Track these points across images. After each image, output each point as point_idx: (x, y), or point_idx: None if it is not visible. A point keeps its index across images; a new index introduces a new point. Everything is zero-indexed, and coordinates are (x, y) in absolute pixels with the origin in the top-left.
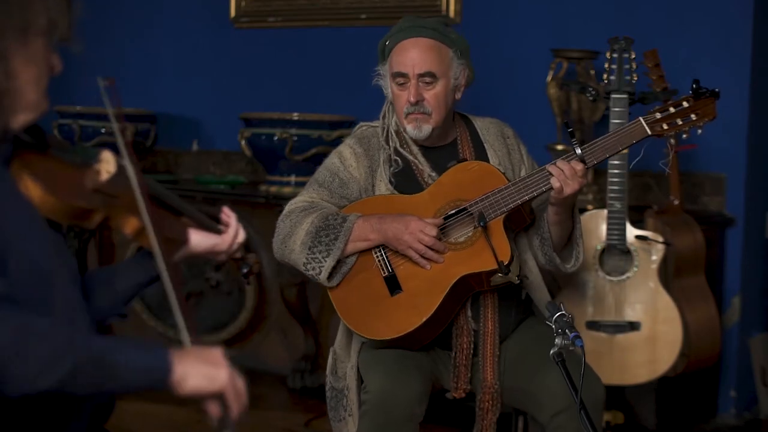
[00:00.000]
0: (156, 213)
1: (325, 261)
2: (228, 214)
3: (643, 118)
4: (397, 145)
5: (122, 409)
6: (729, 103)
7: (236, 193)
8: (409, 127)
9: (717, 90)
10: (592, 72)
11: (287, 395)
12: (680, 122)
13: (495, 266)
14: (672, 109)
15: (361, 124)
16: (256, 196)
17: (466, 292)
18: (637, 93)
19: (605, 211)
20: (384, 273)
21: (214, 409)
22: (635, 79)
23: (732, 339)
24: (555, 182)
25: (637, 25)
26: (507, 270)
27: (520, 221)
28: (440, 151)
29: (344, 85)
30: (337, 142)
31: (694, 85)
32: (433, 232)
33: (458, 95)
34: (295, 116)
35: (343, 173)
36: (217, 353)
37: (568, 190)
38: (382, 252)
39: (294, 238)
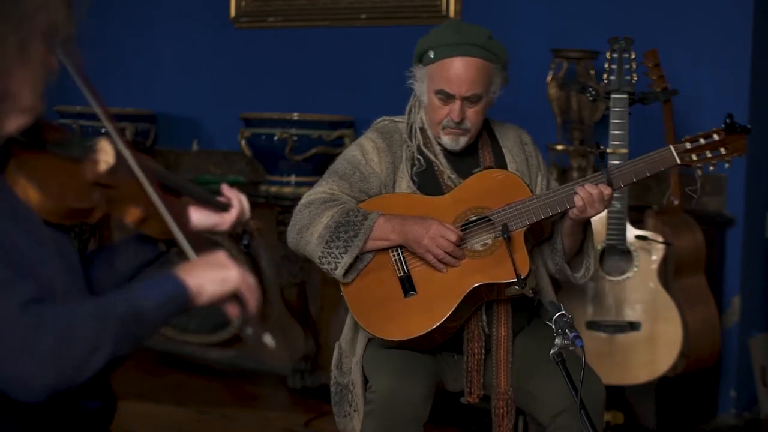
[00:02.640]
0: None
1: (342, 257)
2: (229, 194)
3: (674, 147)
4: (421, 143)
5: (122, 409)
6: (729, 103)
7: None
8: (447, 139)
9: (749, 126)
10: (592, 72)
11: (287, 395)
12: (709, 155)
13: (513, 278)
14: (702, 141)
15: (383, 118)
16: (256, 196)
17: (479, 299)
18: (637, 93)
19: (605, 211)
20: (399, 273)
21: (233, 309)
22: (635, 79)
23: (732, 339)
24: (579, 201)
25: (637, 25)
26: (524, 283)
27: (539, 234)
28: (461, 154)
29: (344, 85)
30: (337, 142)
31: (727, 120)
32: (453, 237)
33: (491, 104)
34: (295, 116)
35: (365, 167)
36: (221, 255)
37: (592, 212)
38: (399, 252)
39: (311, 230)
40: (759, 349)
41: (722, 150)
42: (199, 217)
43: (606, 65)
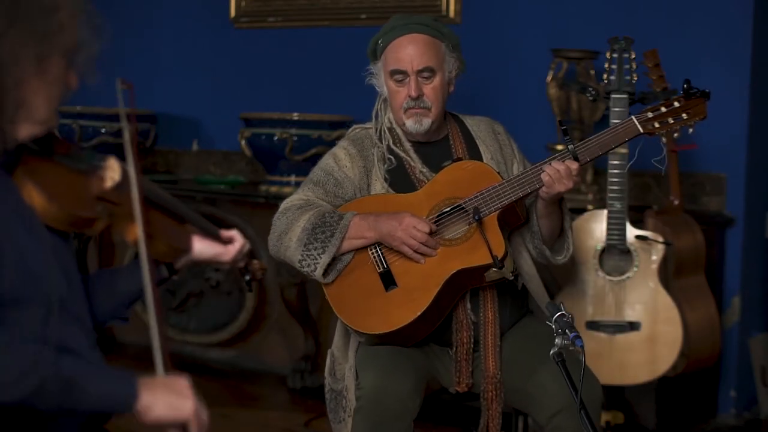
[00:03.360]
0: (158, 219)
1: (321, 258)
2: (230, 233)
3: (636, 117)
4: (390, 143)
5: None
6: (729, 103)
7: (236, 193)
8: (410, 122)
9: (707, 90)
10: (592, 72)
11: (287, 395)
12: (671, 121)
13: (489, 260)
14: (663, 109)
15: (355, 126)
16: (256, 196)
17: (461, 288)
18: (637, 93)
19: (605, 211)
20: (379, 269)
21: None
22: (635, 79)
23: (732, 339)
24: (545, 177)
25: (637, 25)
26: (501, 264)
27: (514, 220)
28: (432, 147)
29: (344, 85)
30: (337, 142)
31: (685, 86)
32: (426, 228)
33: (451, 88)
34: (295, 116)
35: (338, 173)
36: (184, 383)
37: (561, 188)
38: (378, 249)
39: (290, 234)
40: (759, 349)
41: (684, 115)
42: (203, 246)
43: (606, 65)
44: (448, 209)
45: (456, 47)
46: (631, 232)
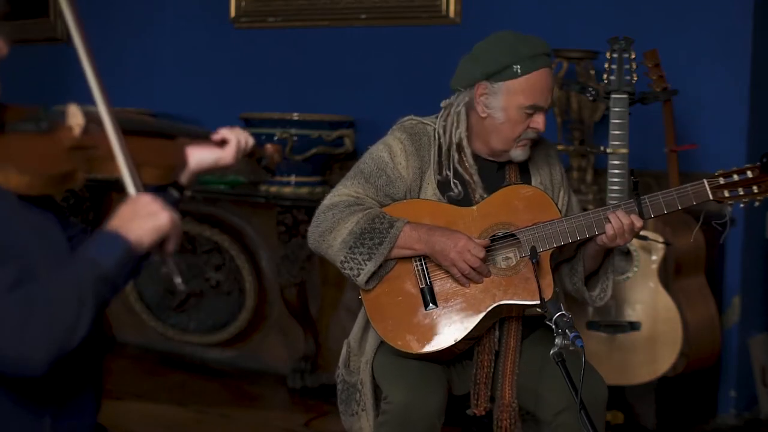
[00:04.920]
0: (142, 145)
1: (366, 264)
2: (222, 132)
3: (708, 181)
4: (455, 160)
5: (122, 409)
6: (729, 103)
7: (236, 193)
8: (518, 152)
9: None
10: (592, 72)
11: (287, 395)
12: (741, 192)
13: (536, 300)
14: (735, 177)
15: (410, 117)
16: (256, 196)
17: (497, 316)
18: (637, 93)
19: None
20: (421, 284)
21: (171, 245)
22: (635, 79)
23: (732, 339)
24: (609, 230)
25: (637, 25)
26: (546, 307)
27: (561, 255)
28: (489, 165)
29: (344, 85)
30: (337, 142)
31: (764, 159)
32: (481, 254)
33: None
34: (295, 116)
35: (392, 171)
36: (147, 199)
37: (620, 242)
38: (423, 262)
39: (335, 234)
40: (759, 349)
41: (755, 188)
42: (201, 154)
43: (606, 65)
44: (501, 234)
45: None
46: None
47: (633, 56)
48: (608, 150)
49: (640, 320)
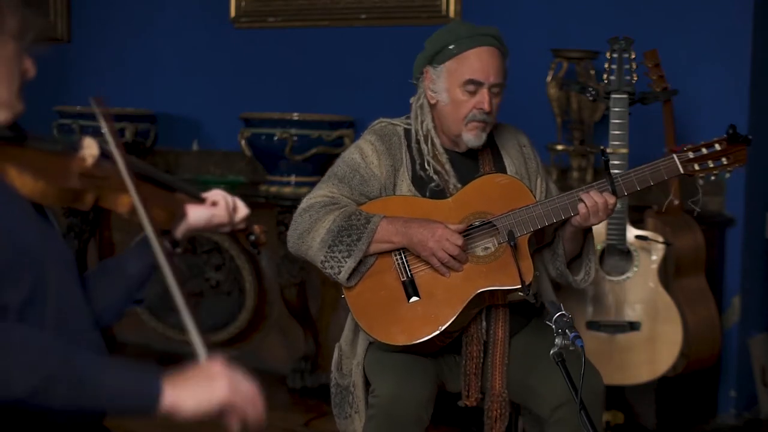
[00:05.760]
0: (149, 190)
1: (346, 261)
2: (207, 196)
3: (677, 156)
4: (427, 153)
5: None
6: (729, 103)
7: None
8: (470, 135)
9: (750, 137)
10: (592, 72)
11: (287, 395)
12: (711, 164)
13: (518, 285)
14: (704, 150)
15: (380, 119)
16: (256, 196)
17: (480, 303)
18: (637, 93)
19: None
20: (402, 277)
21: (232, 424)
22: (635, 79)
23: (732, 339)
24: (583, 209)
25: (637, 25)
26: (528, 290)
27: (540, 239)
28: (464, 157)
29: (344, 85)
30: (337, 142)
31: (730, 131)
32: (459, 241)
33: None
34: (295, 116)
35: (365, 170)
36: (214, 366)
37: (595, 221)
38: (403, 255)
39: (313, 234)
40: (759, 349)
41: (724, 160)
42: (197, 212)
43: (606, 65)
44: (478, 223)
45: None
46: (631, 232)
47: (633, 56)
48: (608, 150)
49: (640, 320)
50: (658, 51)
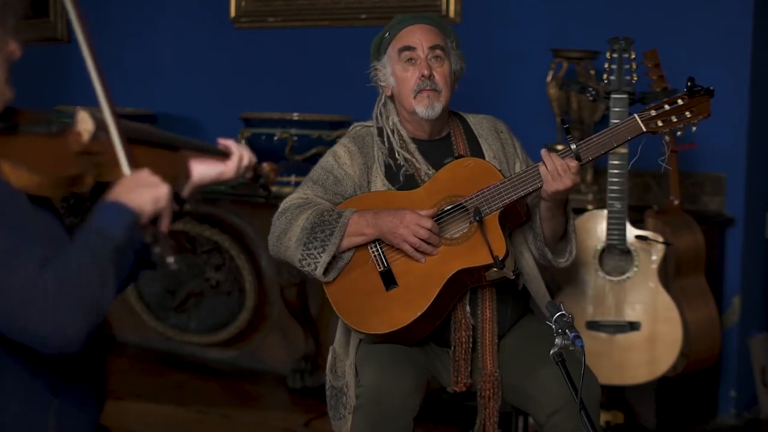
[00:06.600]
0: (148, 154)
1: (321, 257)
2: (225, 143)
3: (638, 115)
4: (396, 145)
5: (122, 409)
6: (729, 103)
7: (236, 193)
8: (420, 107)
9: (711, 88)
10: (592, 72)
11: (287, 395)
12: (675, 119)
13: (490, 260)
14: (667, 107)
15: (356, 124)
16: (256, 196)
17: (462, 287)
18: (637, 93)
19: (605, 211)
20: (380, 268)
21: (147, 227)
22: (635, 79)
23: (732, 339)
24: (544, 172)
25: (637, 25)
26: (502, 264)
27: (515, 218)
28: (435, 146)
29: (344, 85)
30: (338, 140)
31: (689, 83)
32: (428, 224)
33: (456, 86)
34: (295, 116)
35: (338, 171)
36: (147, 172)
37: (560, 186)
38: (378, 247)
39: (289, 234)
40: (759, 349)
41: (687, 114)
42: (203, 168)
43: (606, 65)
44: (449, 207)
45: (458, 46)
46: (631, 232)
47: (633, 56)
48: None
49: (640, 320)
50: (658, 51)
